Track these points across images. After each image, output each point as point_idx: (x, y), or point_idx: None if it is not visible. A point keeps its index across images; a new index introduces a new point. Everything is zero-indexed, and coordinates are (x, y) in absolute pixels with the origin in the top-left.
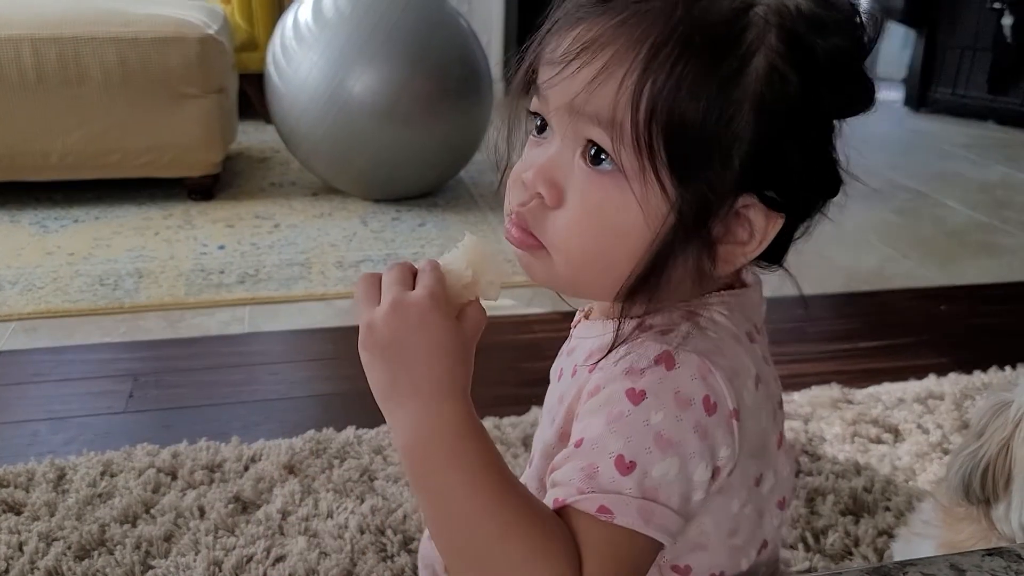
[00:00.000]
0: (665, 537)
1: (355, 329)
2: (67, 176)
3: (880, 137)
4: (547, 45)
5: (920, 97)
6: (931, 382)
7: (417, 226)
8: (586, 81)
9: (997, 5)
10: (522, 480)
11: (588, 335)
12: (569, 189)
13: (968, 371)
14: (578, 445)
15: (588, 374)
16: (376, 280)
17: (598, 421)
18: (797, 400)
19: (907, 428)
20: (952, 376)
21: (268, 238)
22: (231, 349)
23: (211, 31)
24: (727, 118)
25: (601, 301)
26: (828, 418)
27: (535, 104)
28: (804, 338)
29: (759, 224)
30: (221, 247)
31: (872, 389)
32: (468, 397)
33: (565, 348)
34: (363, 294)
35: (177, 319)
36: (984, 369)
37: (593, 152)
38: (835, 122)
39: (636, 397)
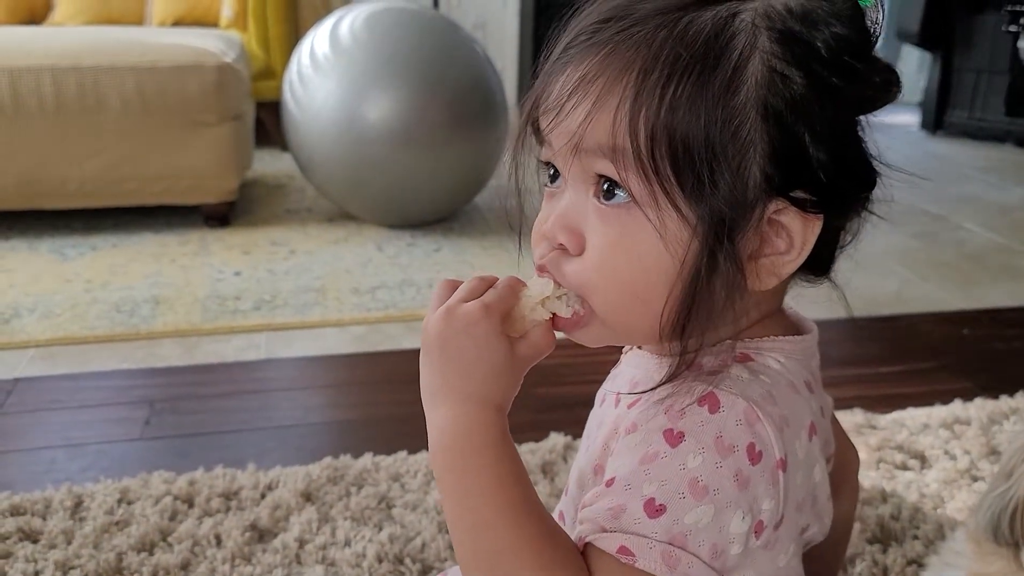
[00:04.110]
0: None
1: (371, 355)
2: (85, 204)
3: (896, 161)
4: (542, 95)
5: (937, 120)
6: (956, 407)
7: (432, 251)
8: (582, 117)
9: (1013, 28)
10: (559, 507)
11: (634, 364)
12: (588, 232)
13: (994, 396)
14: (609, 484)
15: (627, 409)
16: (450, 288)
17: (631, 460)
18: None
19: (933, 454)
20: (978, 401)
21: (284, 264)
22: (247, 375)
23: (228, 59)
24: (732, 128)
25: (652, 344)
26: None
27: (544, 153)
28: (825, 363)
29: (796, 229)
30: (237, 273)
31: (896, 414)
32: (502, 413)
33: (613, 371)
34: (432, 300)
35: (193, 345)
36: (1011, 394)
37: (606, 187)
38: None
39: (674, 439)
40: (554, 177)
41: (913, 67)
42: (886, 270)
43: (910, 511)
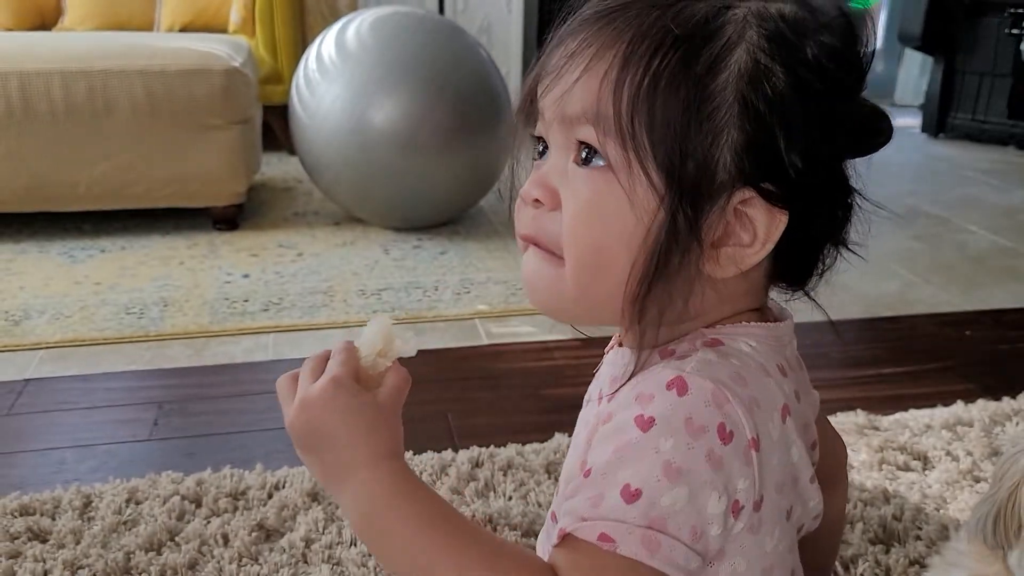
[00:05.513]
0: (673, 571)
1: None
2: (94, 206)
3: (899, 163)
4: (542, 70)
5: (939, 123)
6: (959, 408)
7: (438, 254)
8: (571, 81)
9: (1016, 31)
10: (552, 508)
11: (614, 362)
12: (563, 191)
13: (996, 397)
14: (587, 475)
15: (607, 403)
16: (291, 382)
17: (607, 449)
18: None
19: (936, 455)
20: (980, 402)
21: (291, 267)
22: (255, 376)
23: (236, 64)
24: (709, 110)
25: (613, 318)
26: (854, 445)
27: (538, 128)
28: (827, 364)
29: (761, 221)
30: (245, 276)
31: (898, 416)
32: (397, 458)
33: (596, 373)
34: (281, 397)
35: (202, 347)
36: (1013, 395)
37: (585, 154)
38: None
39: (645, 424)
40: (543, 152)
41: (915, 70)
42: (888, 272)
43: (912, 512)
